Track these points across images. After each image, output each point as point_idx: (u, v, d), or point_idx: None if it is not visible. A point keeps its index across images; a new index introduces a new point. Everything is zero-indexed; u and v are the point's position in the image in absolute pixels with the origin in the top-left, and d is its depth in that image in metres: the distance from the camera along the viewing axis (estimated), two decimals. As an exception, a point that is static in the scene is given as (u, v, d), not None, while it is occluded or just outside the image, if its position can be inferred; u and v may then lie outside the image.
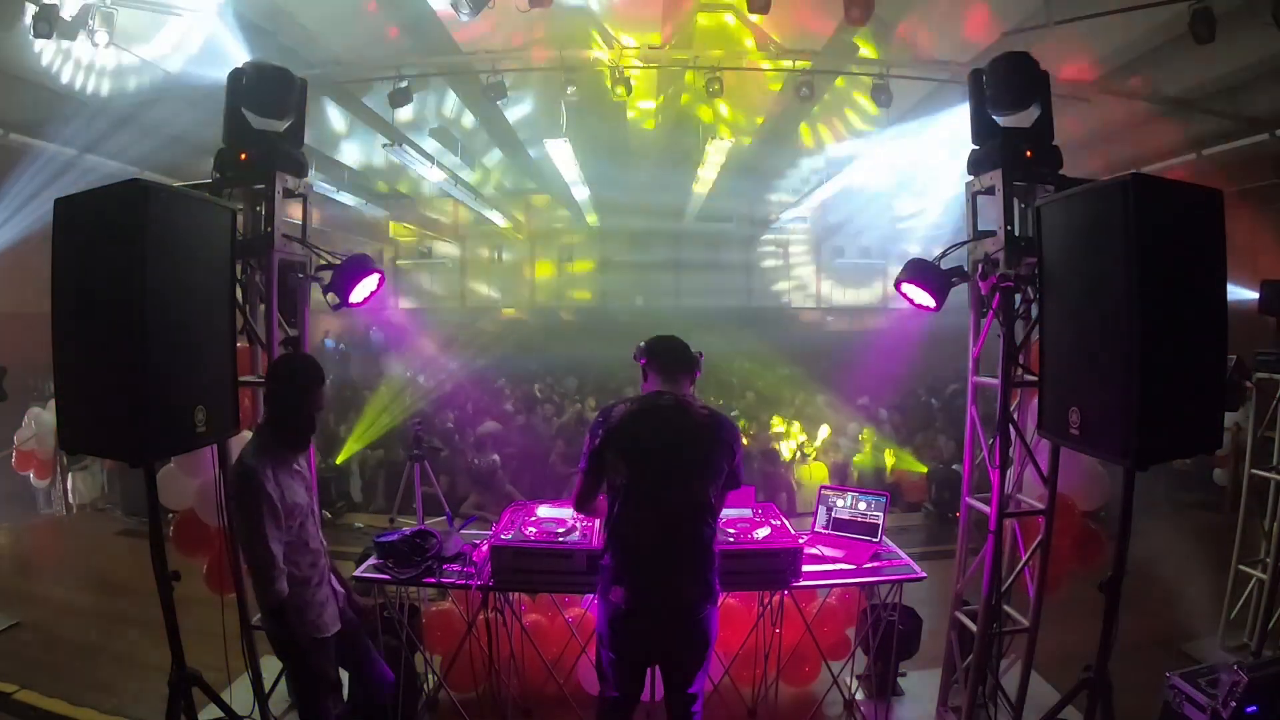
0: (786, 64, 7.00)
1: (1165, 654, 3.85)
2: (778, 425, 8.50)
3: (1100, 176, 2.42)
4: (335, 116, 8.31)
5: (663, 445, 2.35)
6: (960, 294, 3.06)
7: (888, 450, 7.63)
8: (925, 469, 7.20)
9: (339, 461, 7.23)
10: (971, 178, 3.04)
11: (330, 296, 3.04)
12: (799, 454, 7.66)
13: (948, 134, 7.14)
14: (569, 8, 6.07)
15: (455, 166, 10.41)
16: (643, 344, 2.57)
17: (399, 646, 3.19)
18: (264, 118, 2.97)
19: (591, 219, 13.98)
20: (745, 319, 13.65)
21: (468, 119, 9.17)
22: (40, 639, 4.24)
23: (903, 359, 9.88)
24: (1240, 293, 3.25)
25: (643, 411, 2.41)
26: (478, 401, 9.26)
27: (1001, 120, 2.96)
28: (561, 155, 8.65)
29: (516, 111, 8.48)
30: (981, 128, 2.97)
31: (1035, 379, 2.73)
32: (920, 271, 2.95)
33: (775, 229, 15.27)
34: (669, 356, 2.51)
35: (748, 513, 3.32)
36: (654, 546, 2.32)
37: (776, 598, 3.31)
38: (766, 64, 7.11)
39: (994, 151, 2.89)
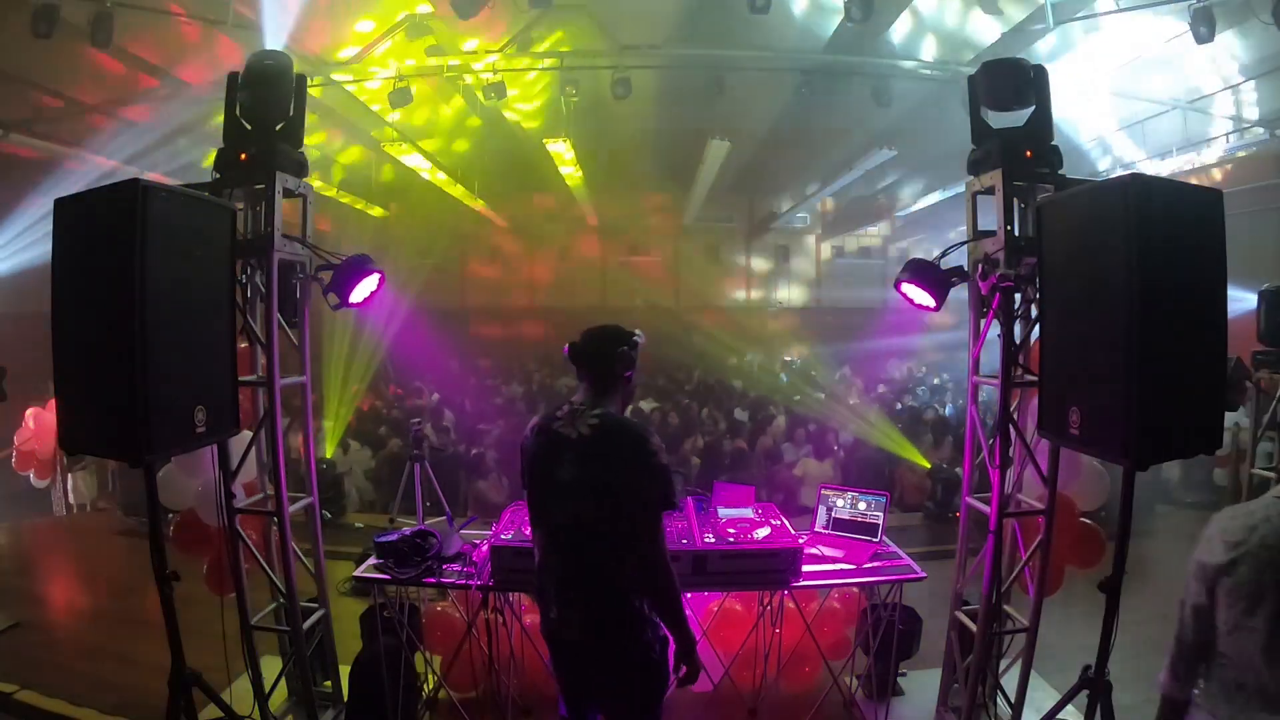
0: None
1: (1165, 654, 3.84)
2: None
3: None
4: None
5: (547, 463, 2.12)
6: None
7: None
8: (929, 465, 7.18)
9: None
10: (971, 178, 3.04)
11: (331, 297, 3.04)
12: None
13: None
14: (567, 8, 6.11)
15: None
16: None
17: (399, 646, 3.19)
18: (264, 118, 2.97)
19: None
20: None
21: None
22: (40, 639, 4.24)
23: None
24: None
25: (541, 424, 2.19)
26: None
27: (995, 119, 2.97)
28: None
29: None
30: (980, 129, 2.98)
31: (1035, 379, 2.73)
32: (920, 271, 2.94)
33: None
34: (581, 354, 2.20)
35: (748, 513, 3.33)
36: (550, 573, 2.15)
37: (776, 598, 3.31)
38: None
39: (994, 152, 2.89)
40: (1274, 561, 1.55)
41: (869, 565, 3.21)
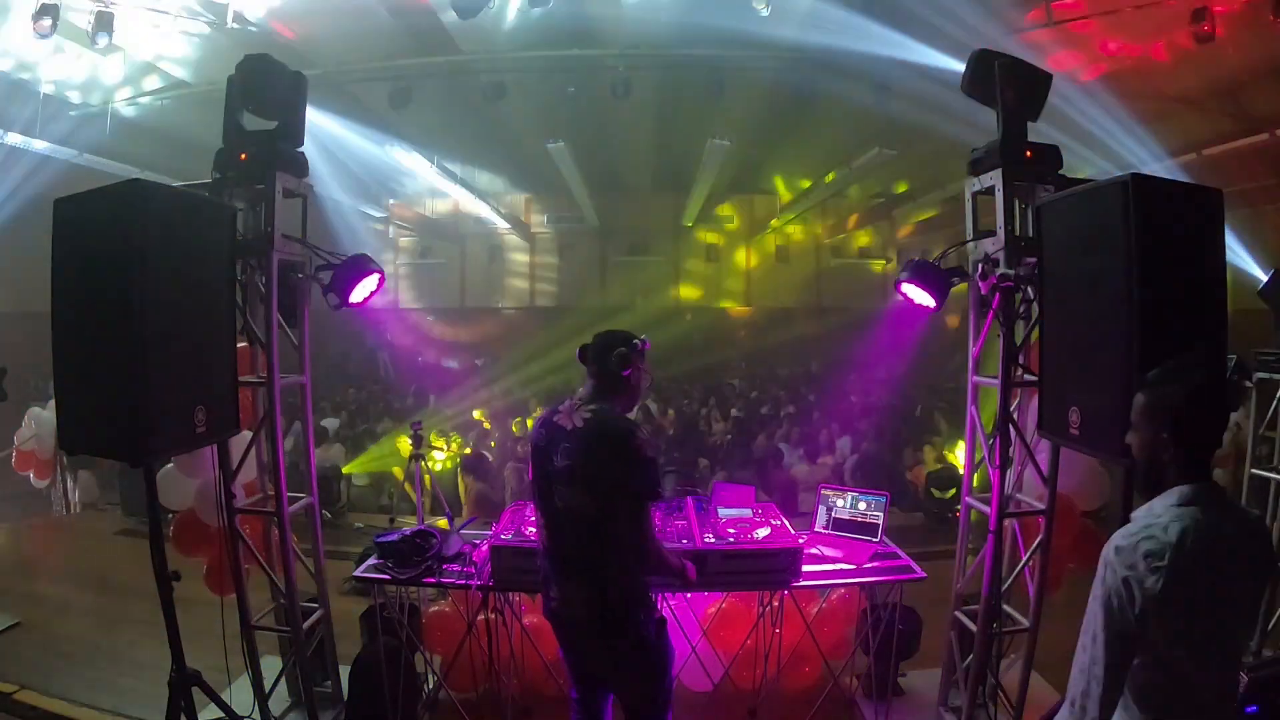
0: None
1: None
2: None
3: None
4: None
5: (546, 451, 2.30)
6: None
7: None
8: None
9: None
10: (971, 177, 3.04)
11: (330, 297, 3.04)
12: None
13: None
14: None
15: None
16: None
17: (399, 646, 3.19)
18: (264, 118, 2.97)
19: None
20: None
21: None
22: (40, 639, 4.24)
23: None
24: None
25: (546, 415, 2.40)
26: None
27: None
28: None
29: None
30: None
31: (1035, 379, 2.73)
32: (920, 271, 2.95)
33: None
34: (587, 353, 2.38)
35: (748, 513, 3.32)
36: (550, 555, 2.34)
37: (776, 598, 3.31)
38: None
39: (994, 151, 2.89)
40: (1200, 570, 1.51)
41: (869, 565, 3.21)
